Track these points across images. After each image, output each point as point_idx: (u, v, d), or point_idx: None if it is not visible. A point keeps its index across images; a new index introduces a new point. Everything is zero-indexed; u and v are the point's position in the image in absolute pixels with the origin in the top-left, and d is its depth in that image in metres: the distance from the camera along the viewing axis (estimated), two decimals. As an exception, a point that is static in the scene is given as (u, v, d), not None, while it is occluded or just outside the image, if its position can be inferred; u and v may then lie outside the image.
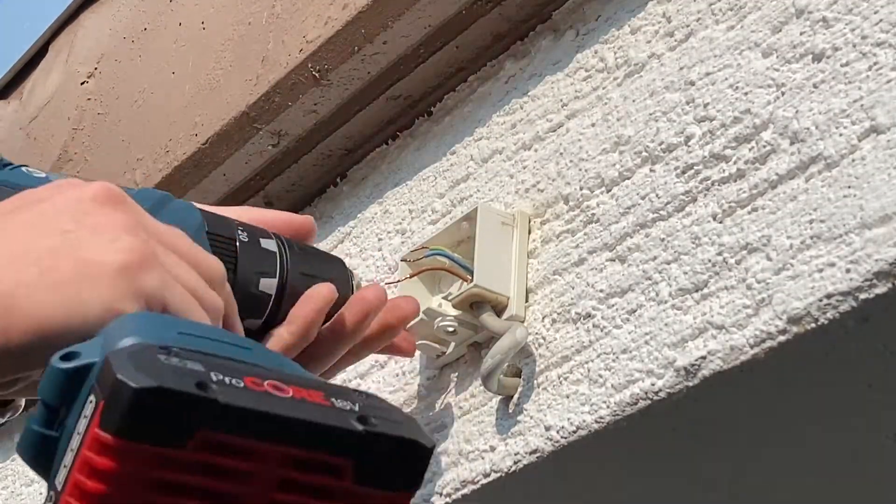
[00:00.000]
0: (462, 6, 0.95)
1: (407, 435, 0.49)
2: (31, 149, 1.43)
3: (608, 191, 0.84)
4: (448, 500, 0.86)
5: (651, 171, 0.81)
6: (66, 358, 0.50)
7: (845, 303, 0.67)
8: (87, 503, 0.47)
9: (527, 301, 0.86)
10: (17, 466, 1.39)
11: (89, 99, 1.35)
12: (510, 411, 0.84)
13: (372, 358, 0.98)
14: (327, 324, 0.79)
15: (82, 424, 0.48)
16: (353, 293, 0.80)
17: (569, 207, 0.86)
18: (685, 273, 0.76)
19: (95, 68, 1.38)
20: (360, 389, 0.53)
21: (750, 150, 0.75)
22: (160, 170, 1.15)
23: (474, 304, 0.85)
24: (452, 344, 0.89)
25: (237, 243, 0.75)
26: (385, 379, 0.96)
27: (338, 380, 1.01)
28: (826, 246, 0.69)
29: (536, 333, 0.84)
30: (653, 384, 0.75)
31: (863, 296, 0.66)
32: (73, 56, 1.45)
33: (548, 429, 0.80)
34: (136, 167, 1.19)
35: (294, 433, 0.47)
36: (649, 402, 0.75)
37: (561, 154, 0.89)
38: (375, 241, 1.03)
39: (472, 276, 0.85)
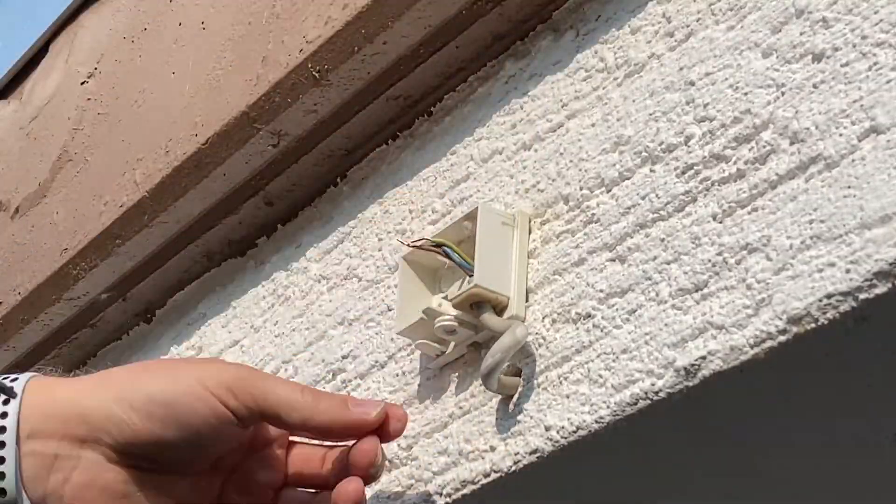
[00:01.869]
0: (462, 6, 0.95)
1: None
2: (31, 149, 1.43)
3: (608, 191, 0.84)
4: (448, 500, 0.86)
5: (651, 171, 0.81)
6: None
7: (845, 303, 0.67)
8: None
9: (527, 301, 0.86)
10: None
11: (89, 99, 1.35)
12: (510, 411, 0.84)
13: (372, 358, 0.98)
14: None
15: None
16: None
17: (569, 207, 0.86)
18: (685, 273, 0.76)
19: (95, 68, 1.38)
20: None
21: (750, 150, 0.75)
22: (160, 170, 1.15)
23: (474, 304, 0.85)
24: (452, 344, 0.89)
25: None
26: (385, 379, 0.96)
27: (338, 380, 1.01)
28: (826, 246, 0.69)
29: (536, 333, 0.84)
30: (653, 384, 0.75)
31: (863, 296, 0.66)
32: (73, 56, 1.45)
33: (548, 429, 0.80)
34: (136, 167, 1.19)
35: None
36: (649, 402, 0.75)
37: (561, 154, 0.89)
38: (375, 241, 1.03)
39: (473, 274, 0.85)
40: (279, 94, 1.04)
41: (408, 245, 0.90)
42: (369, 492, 0.93)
